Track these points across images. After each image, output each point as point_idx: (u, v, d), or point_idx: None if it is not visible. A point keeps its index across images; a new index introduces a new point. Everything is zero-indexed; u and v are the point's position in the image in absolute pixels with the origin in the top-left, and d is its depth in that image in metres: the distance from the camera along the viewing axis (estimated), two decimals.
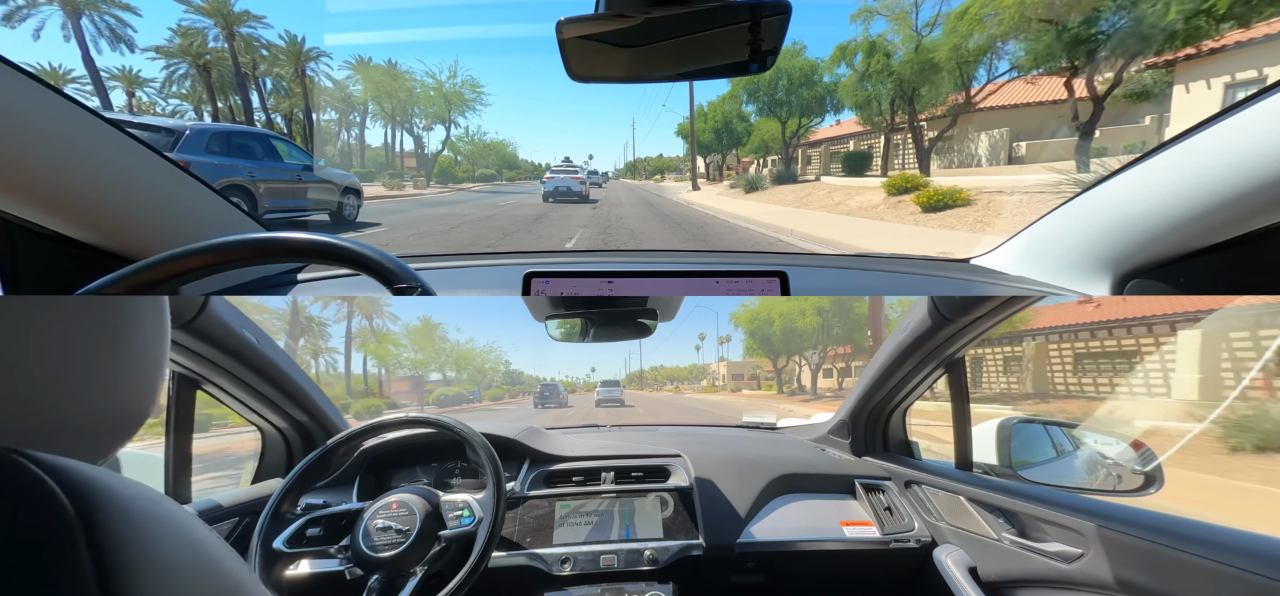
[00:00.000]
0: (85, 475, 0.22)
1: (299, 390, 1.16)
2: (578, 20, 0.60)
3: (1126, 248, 0.84)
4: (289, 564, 0.90)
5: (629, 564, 1.04)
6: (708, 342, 50.97)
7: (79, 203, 0.77)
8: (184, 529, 0.25)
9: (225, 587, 0.25)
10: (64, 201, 0.76)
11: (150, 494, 0.25)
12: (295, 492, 0.94)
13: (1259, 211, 0.67)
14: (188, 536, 0.25)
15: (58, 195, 0.75)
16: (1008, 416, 1.16)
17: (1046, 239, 1.01)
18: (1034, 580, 0.87)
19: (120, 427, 0.30)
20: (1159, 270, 0.83)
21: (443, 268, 1.11)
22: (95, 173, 0.77)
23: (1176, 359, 6.76)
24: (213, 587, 0.25)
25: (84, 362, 0.27)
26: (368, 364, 22.15)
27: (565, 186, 16.09)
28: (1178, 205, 0.74)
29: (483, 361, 32.42)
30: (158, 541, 0.23)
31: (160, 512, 0.24)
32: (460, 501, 0.97)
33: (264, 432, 1.23)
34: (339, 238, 0.53)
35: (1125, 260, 0.86)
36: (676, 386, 38.35)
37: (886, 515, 1.16)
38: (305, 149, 9.09)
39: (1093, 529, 0.77)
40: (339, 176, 9.14)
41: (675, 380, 44.88)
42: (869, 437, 1.32)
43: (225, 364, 1.00)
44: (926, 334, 1.02)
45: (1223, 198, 0.68)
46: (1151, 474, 0.92)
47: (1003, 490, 0.97)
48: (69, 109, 0.72)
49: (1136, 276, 0.86)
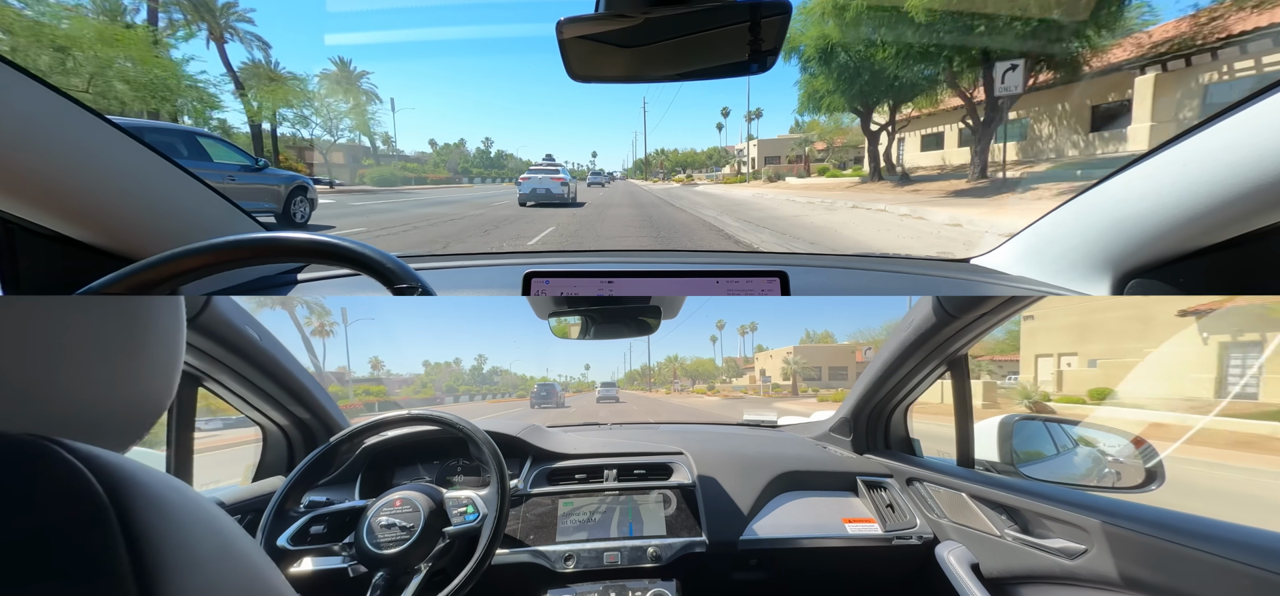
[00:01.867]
0: (117, 464, 0.23)
1: (301, 387, 1.16)
2: (578, 20, 0.60)
3: (1127, 247, 0.84)
4: (293, 561, 0.90)
5: (632, 561, 1.04)
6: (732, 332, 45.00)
7: (79, 203, 0.77)
8: (211, 520, 0.25)
9: (249, 577, 0.26)
10: (64, 201, 0.75)
11: (178, 485, 0.25)
12: (298, 490, 0.93)
13: (1259, 211, 0.67)
14: (214, 527, 0.25)
15: (58, 195, 0.74)
16: (1009, 413, 1.16)
17: (1047, 239, 1.01)
18: (1037, 576, 0.87)
19: (142, 419, 0.30)
20: (1159, 270, 0.83)
21: (443, 267, 1.11)
22: (95, 172, 0.77)
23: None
24: (238, 577, 0.25)
25: (108, 358, 0.28)
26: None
27: (543, 188, 14.47)
28: (1178, 205, 0.74)
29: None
30: (186, 531, 0.23)
31: (188, 503, 0.24)
32: (464, 498, 0.97)
33: (265, 430, 1.23)
34: (339, 237, 0.53)
35: (1125, 260, 0.86)
36: (709, 387, 30.75)
37: (888, 512, 1.16)
38: (249, 151, 8.90)
39: (1097, 525, 0.77)
40: (286, 177, 8.87)
41: (702, 377, 37.25)
42: (871, 435, 1.32)
43: (228, 360, 0.99)
44: (930, 331, 1.02)
45: (1223, 198, 0.68)
46: (1153, 470, 0.93)
47: (1005, 487, 0.97)
48: (69, 109, 0.72)
49: (1137, 276, 0.86)
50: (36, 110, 0.68)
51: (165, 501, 0.23)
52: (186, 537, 0.23)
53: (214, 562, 0.24)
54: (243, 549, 0.26)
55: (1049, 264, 1.00)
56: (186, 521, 0.23)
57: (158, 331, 0.31)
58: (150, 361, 0.30)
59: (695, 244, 7.47)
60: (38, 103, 0.68)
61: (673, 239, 8.02)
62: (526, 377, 39.31)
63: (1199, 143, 0.70)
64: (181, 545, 0.22)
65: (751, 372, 33.58)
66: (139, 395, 0.30)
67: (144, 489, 0.22)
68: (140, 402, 0.30)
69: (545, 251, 1.33)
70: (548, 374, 42.52)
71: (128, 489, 0.22)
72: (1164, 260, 0.82)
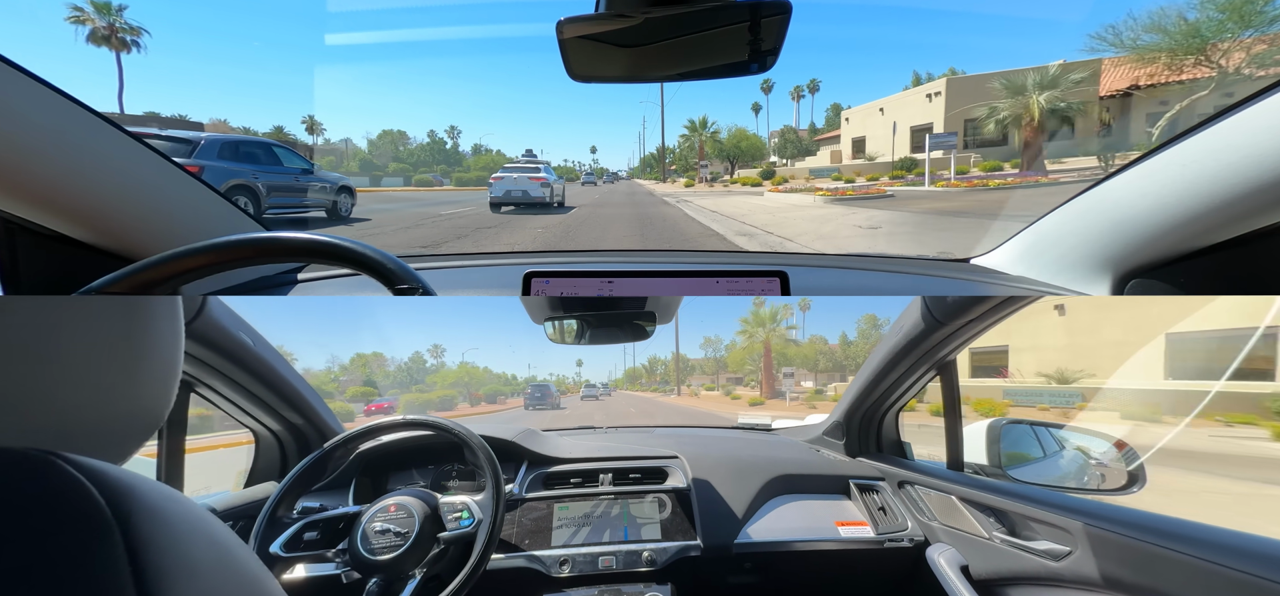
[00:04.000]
0: (118, 477, 0.23)
1: (294, 393, 1.15)
2: (578, 20, 0.60)
3: (1126, 247, 0.84)
4: (286, 568, 0.89)
5: (627, 565, 1.05)
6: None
7: (79, 203, 0.77)
8: (207, 529, 0.26)
9: (245, 585, 0.26)
10: (64, 201, 0.75)
11: (175, 495, 0.26)
12: (292, 496, 0.93)
13: (1259, 211, 0.67)
14: (211, 536, 0.26)
15: (58, 195, 0.74)
16: (997, 417, 1.18)
17: (1046, 239, 1.01)
18: (1024, 578, 0.89)
19: (140, 429, 0.31)
20: (1159, 270, 0.83)
21: (443, 267, 1.11)
22: (95, 173, 0.77)
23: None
24: (235, 586, 0.25)
25: (106, 365, 0.28)
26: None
27: (519, 190, 12.03)
28: (1178, 205, 0.73)
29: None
30: (185, 541, 0.24)
31: (186, 513, 0.25)
32: (459, 503, 0.97)
33: (258, 436, 1.22)
34: (339, 237, 0.53)
35: (1125, 260, 0.86)
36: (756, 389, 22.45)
37: (880, 515, 1.17)
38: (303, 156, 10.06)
39: (1079, 527, 0.79)
40: (334, 178, 10.03)
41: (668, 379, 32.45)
42: (863, 438, 1.34)
43: (221, 366, 0.99)
44: (919, 337, 1.04)
45: (1223, 198, 0.68)
46: (1135, 473, 0.95)
47: (993, 490, 0.99)
48: (69, 109, 0.72)
49: (1136, 276, 0.86)
50: (37, 110, 0.68)
51: (164, 512, 0.23)
52: (185, 547, 0.23)
53: (211, 571, 0.24)
54: (239, 557, 0.27)
55: (1049, 264, 1.00)
56: (184, 531, 0.24)
57: (155, 335, 0.31)
58: (147, 367, 0.30)
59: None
60: (38, 103, 0.68)
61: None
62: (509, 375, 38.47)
63: (1198, 143, 0.69)
64: (180, 555, 0.23)
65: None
66: (136, 403, 0.30)
67: (144, 500, 0.23)
68: (137, 411, 0.30)
69: (545, 251, 1.33)
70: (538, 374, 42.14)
71: (129, 501, 0.22)
72: (1164, 260, 0.81)
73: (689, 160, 33.46)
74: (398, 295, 0.52)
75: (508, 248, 6.93)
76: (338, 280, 1.04)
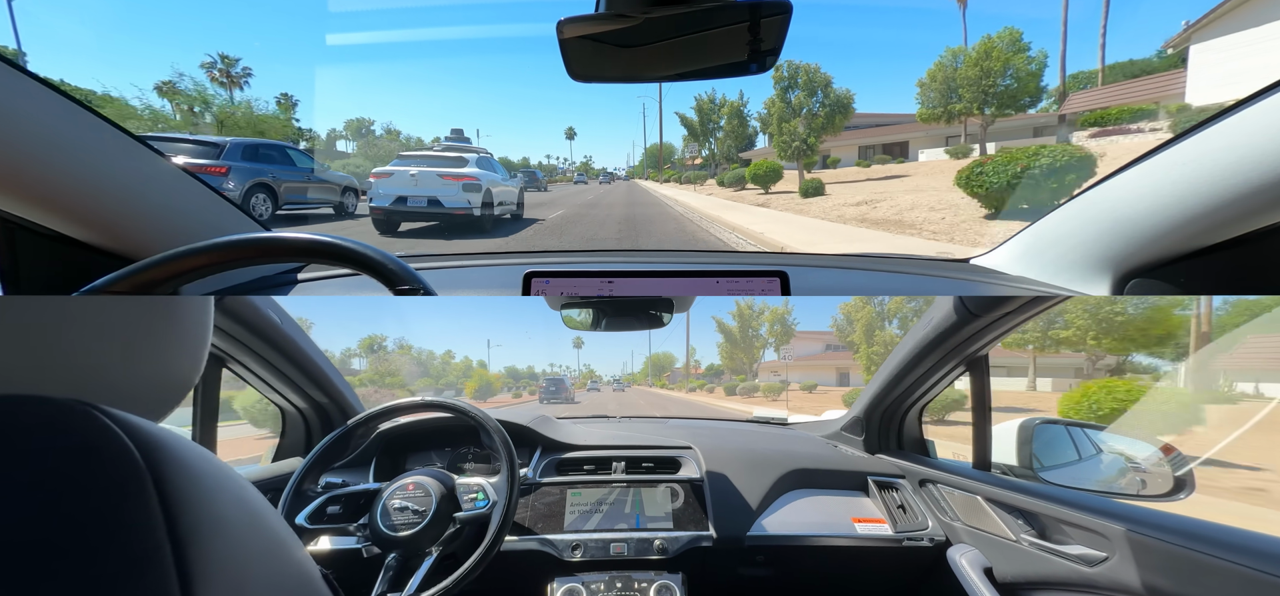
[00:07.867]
0: (152, 431, 0.24)
1: (319, 371, 1.19)
2: (578, 20, 0.60)
3: (1127, 247, 0.83)
4: (310, 539, 0.92)
5: (639, 552, 1.05)
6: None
7: (79, 203, 0.77)
8: (237, 488, 0.26)
9: (272, 544, 0.27)
10: (64, 201, 0.75)
11: (207, 454, 0.26)
12: (316, 471, 0.96)
13: (1259, 211, 0.67)
14: (240, 496, 0.26)
15: (58, 195, 0.74)
16: (1029, 417, 1.13)
17: (1046, 239, 0.99)
18: (1053, 582, 0.85)
19: (173, 393, 0.33)
20: (1159, 270, 0.82)
21: (443, 267, 1.11)
22: (95, 173, 0.77)
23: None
24: (262, 544, 0.26)
25: (142, 335, 0.30)
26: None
27: (420, 198, 7.21)
28: (1178, 205, 0.73)
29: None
30: (215, 497, 0.24)
31: (216, 471, 0.26)
32: (475, 485, 0.98)
33: (285, 412, 1.26)
34: (339, 237, 0.52)
35: (1126, 260, 0.85)
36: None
37: (899, 513, 1.14)
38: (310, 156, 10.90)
39: (1120, 532, 0.75)
40: (338, 177, 10.52)
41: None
42: (883, 435, 1.30)
43: (251, 343, 1.02)
44: (950, 330, 1.00)
45: (1223, 198, 0.68)
46: (1182, 479, 0.89)
47: (1023, 490, 0.95)
48: (69, 109, 0.72)
49: (1137, 276, 0.85)
50: (37, 111, 0.68)
51: (196, 468, 0.24)
52: (215, 503, 0.24)
53: (241, 528, 0.25)
54: (267, 518, 0.28)
55: (1049, 264, 0.99)
56: (215, 488, 0.25)
57: (187, 308, 0.33)
58: (180, 337, 0.32)
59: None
60: (39, 104, 0.68)
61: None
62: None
63: (1198, 143, 0.69)
64: (211, 510, 0.23)
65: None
66: (169, 369, 0.32)
67: (176, 455, 0.24)
68: (170, 376, 0.32)
69: (546, 251, 1.33)
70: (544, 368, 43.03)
71: (162, 454, 0.23)
72: (1164, 260, 0.81)
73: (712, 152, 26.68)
74: (398, 295, 0.52)
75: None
76: (338, 280, 1.04)
